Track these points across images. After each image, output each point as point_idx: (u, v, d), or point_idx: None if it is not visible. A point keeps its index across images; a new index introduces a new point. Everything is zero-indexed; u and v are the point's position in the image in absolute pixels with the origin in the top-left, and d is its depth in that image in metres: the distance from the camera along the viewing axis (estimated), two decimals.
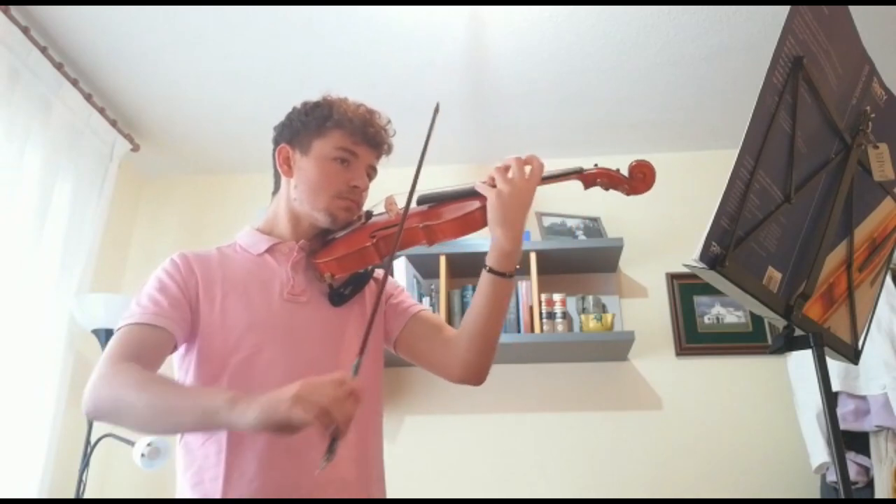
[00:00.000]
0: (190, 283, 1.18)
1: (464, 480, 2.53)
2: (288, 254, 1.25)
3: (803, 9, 1.04)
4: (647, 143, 2.94)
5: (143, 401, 0.99)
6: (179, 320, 1.14)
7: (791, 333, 1.06)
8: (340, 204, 1.24)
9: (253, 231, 1.31)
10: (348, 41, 2.34)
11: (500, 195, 1.13)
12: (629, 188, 1.22)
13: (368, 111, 1.30)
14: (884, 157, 1.15)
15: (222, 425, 0.96)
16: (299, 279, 1.23)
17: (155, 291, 1.16)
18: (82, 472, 2.27)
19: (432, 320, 1.32)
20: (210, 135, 2.91)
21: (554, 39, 2.34)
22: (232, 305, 1.17)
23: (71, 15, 2.23)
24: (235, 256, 1.26)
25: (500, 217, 1.14)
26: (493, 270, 1.17)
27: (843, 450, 0.99)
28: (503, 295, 1.19)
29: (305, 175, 1.26)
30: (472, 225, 1.19)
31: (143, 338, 1.10)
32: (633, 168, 1.22)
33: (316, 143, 1.26)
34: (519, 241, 1.16)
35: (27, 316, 2.23)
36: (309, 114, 1.29)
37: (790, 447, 2.43)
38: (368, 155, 1.28)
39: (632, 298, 2.77)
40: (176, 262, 1.21)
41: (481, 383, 1.26)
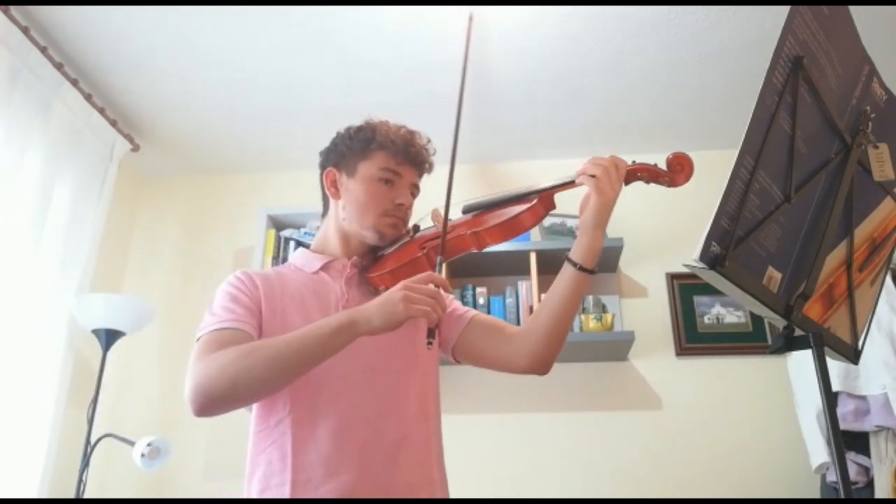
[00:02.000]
0: (255, 296, 1.24)
1: (463, 480, 2.53)
2: (341, 270, 1.31)
3: (803, 9, 1.04)
4: (647, 143, 2.94)
5: (260, 358, 1.05)
6: (256, 325, 1.19)
7: (791, 333, 1.06)
8: (387, 221, 1.30)
9: (306, 251, 1.38)
10: (348, 40, 2.34)
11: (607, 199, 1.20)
12: (669, 180, 1.24)
13: (409, 132, 1.36)
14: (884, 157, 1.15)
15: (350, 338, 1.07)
16: (353, 293, 1.28)
17: (228, 302, 1.21)
18: (82, 472, 2.27)
19: (489, 321, 1.38)
20: (210, 135, 2.91)
21: (553, 39, 2.34)
22: (291, 319, 1.22)
23: (71, 15, 2.23)
24: (291, 275, 1.32)
25: (603, 219, 1.23)
26: (583, 268, 1.22)
27: (843, 450, 0.99)
28: (585, 289, 1.25)
29: (353, 196, 1.32)
30: (518, 229, 1.26)
31: (224, 339, 1.13)
32: (670, 161, 1.24)
33: (361, 165, 1.32)
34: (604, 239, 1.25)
35: (27, 316, 2.23)
36: (353, 137, 1.35)
37: (790, 447, 2.43)
38: (411, 174, 1.34)
39: (632, 298, 2.77)
40: (240, 277, 1.27)
41: (547, 372, 1.30)
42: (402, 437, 1.18)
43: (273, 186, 3.12)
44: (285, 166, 3.07)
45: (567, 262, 1.23)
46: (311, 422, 1.15)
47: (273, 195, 3.05)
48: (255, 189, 3.14)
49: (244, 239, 3.00)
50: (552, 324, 1.25)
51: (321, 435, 1.14)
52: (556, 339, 1.26)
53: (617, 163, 1.21)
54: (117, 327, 2.40)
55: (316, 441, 1.13)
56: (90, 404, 2.36)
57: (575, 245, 1.24)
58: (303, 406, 1.16)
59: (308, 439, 1.14)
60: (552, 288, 1.25)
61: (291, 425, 1.15)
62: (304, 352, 1.06)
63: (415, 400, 1.23)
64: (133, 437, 2.29)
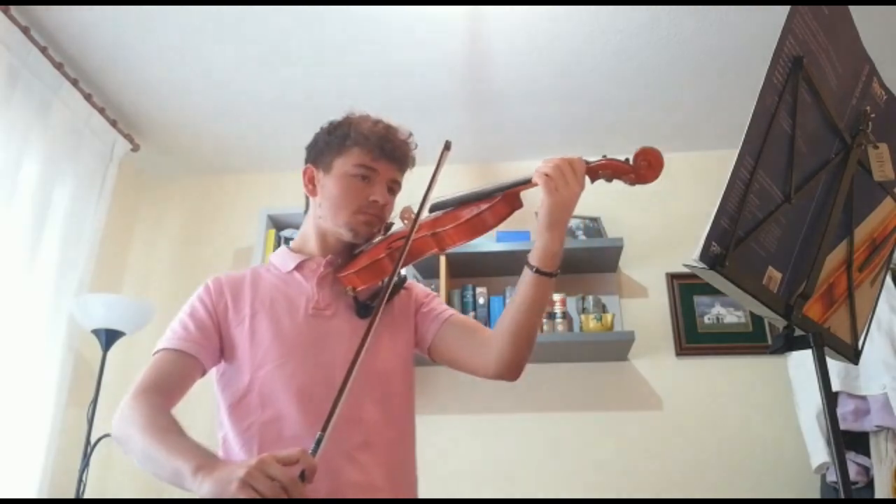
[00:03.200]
0: (219, 307, 1.25)
1: (463, 480, 2.53)
2: (315, 269, 1.30)
3: (803, 9, 1.04)
4: (647, 144, 2.92)
5: (141, 444, 1.07)
6: (206, 345, 1.21)
7: (791, 333, 1.06)
8: (361, 219, 1.28)
9: (285, 250, 1.38)
10: (349, 40, 2.34)
11: (560, 199, 1.16)
12: (634, 177, 1.17)
13: (386, 127, 1.33)
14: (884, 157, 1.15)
15: (186, 489, 1.00)
16: (325, 294, 1.27)
17: (186, 317, 1.24)
18: (82, 472, 2.27)
19: (466, 323, 1.35)
20: (210, 135, 2.91)
21: (554, 39, 2.34)
22: (259, 323, 1.23)
23: (71, 15, 2.23)
24: (266, 276, 1.32)
25: (556, 219, 1.18)
26: (540, 271, 1.19)
27: (843, 450, 0.99)
28: (546, 293, 1.21)
29: (328, 192, 1.31)
30: (480, 228, 1.21)
31: (169, 365, 1.19)
32: (637, 155, 1.17)
33: (337, 161, 1.31)
34: (563, 241, 1.20)
35: (27, 316, 2.23)
36: (331, 133, 1.34)
37: (790, 447, 2.43)
38: (389, 170, 1.32)
39: (632, 298, 2.77)
40: (209, 286, 1.29)
41: (517, 378, 1.28)
42: (364, 442, 1.17)
43: (273, 186, 3.12)
44: (285, 166, 3.07)
45: (525, 265, 1.21)
46: (276, 428, 1.16)
47: (273, 195, 3.05)
48: (255, 189, 3.14)
49: (244, 239, 3.00)
50: (514, 329, 1.23)
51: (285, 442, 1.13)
52: (521, 344, 1.24)
53: (573, 162, 1.16)
54: (117, 327, 2.40)
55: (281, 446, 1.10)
56: (90, 404, 2.36)
57: (533, 247, 1.21)
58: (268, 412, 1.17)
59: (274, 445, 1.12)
60: (516, 292, 1.24)
61: (259, 431, 1.16)
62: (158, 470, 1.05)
63: (376, 405, 1.21)
64: None
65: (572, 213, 1.19)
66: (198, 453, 1.02)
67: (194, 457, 1.01)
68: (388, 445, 1.21)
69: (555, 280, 1.21)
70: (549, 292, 1.23)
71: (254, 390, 1.19)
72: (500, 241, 2.68)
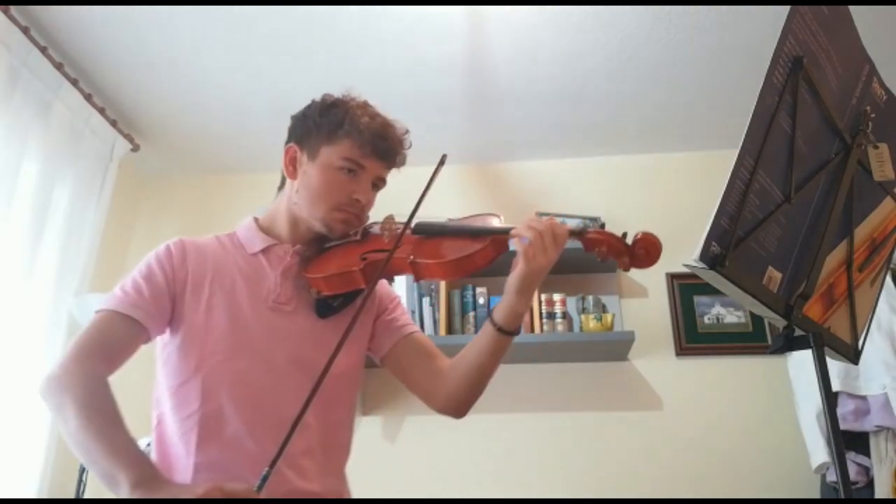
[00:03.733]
0: (179, 276, 1.18)
1: (464, 480, 2.53)
2: (282, 257, 1.24)
3: (803, 9, 1.04)
4: (647, 144, 2.94)
5: (75, 424, 1.01)
6: (156, 313, 1.15)
7: (791, 333, 1.06)
8: (339, 216, 1.22)
9: (253, 225, 1.31)
10: (349, 39, 2.34)
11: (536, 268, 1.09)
12: (629, 262, 1.11)
13: (383, 123, 1.26)
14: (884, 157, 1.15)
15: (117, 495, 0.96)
16: (287, 287, 1.21)
17: (140, 278, 1.17)
18: (82, 472, 2.27)
19: (425, 345, 1.30)
20: (210, 135, 2.91)
21: (554, 39, 2.34)
22: (217, 305, 1.17)
23: (71, 15, 2.23)
24: (231, 251, 1.25)
25: (528, 285, 1.11)
26: (503, 330, 1.15)
27: (843, 450, 0.99)
28: (505, 349, 1.19)
29: (309, 180, 1.24)
30: (463, 270, 1.15)
31: (115, 329, 1.13)
32: (637, 241, 1.11)
33: (324, 149, 1.23)
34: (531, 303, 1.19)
35: (27, 316, 2.23)
36: (323, 115, 1.25)
37: (790, 447, 2.43)
38: (377, 167, 1.24)
39: (632, 298, 2.77)
40: (171, 249, 1.21)
41: (462, 417, 1.26)
42: (307, 448, 1.13)
43: (273, 187, 3.08)
44: None
45: (489, 321, 1.17)
46: (218, 423, 1.10)
47: (273, 195, 3.04)
48: (254, 189, 3.13)
49: None
50: (469, 377, 1.21)
51: (226, 439, 1.09)
52: (473, 391, 1.22)
53: (555, 229, 1.09)
54: None
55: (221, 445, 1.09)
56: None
57: (499, 303, 1.16)
58: (212, 404, 1.11)
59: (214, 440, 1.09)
60: (474, 340, 1.20)
61: (199, 422, 1.10)
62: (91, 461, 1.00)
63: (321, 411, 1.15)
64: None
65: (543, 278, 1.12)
66: (138, 461, 0.98)
67: (135, 466, 0.96)
68: (327, 452, 1.17)
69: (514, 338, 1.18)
70: (507, 347, 1.19)
71: (199, 378, 1.13)
72: None
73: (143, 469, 0.96)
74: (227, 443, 1.09)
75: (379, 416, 2.66)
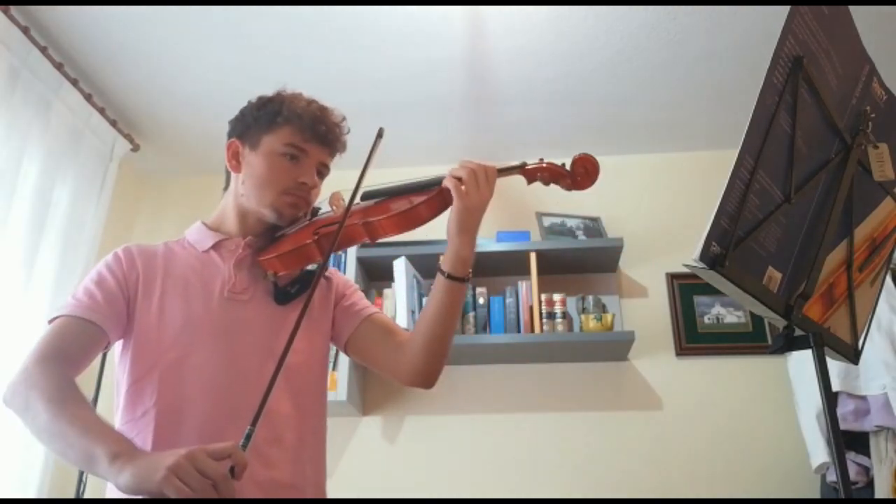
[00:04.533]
0: (130, 279, 1.18)
1: (464, 480, 2.53)
2: (234, 250, 1.24)
3: (803, 9, 1.04)
4: (647, 144, 2.94)
5: (45, 417, 0.99)
6: (112, 316, 1.14)
7: (791, 333, 1.06)
8: (287, 200, 1.23)
9: (201, 226, 1.30)
10: (348, 40, 2.34)
11: (470, 205, 1.13)
12: (571, 183, 1.20)
13: (320, 108, 1.28)
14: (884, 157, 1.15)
15: (99, 475, 0.93)
16: (242, 277, 1.21)
17: (92, 285, 1.16)
18: (82, 472, 2.27)
19: (385, 323, 1.32)
20: (210, 135, 2.91)
21: (554, 39, 2.34)
22: (170, 304, 1.16)
23: (71, 15, 2.23)
24: (181, 252, 1.25)
25: (467, 224, 1.14)
26: (451, 276, 1.16)
27: (843, 450, 0.99)
28: (459, 299, 1.19)
29: (253, 170, 1.25)
30: (414, 221, 1.18)
31: (74, 332, 1.11)
32: (575, 162, 1.19)
33: (265, 138, 1.25)
34: (474, 246, 1.17)
35: (27, 316, 2.23)
36: (260, 109, 1.28)
37: (790, 447, 2.43)
38: (319, 152, 1.27)
39: (632, 298, 2.77)
40: (119, 255, 1.21)
41: (431, 387, 1.26)
42: (273, 436, 1.11)
43: None
44: None
45: (438, 271, 1.18)
46: (177, 417, 1.08)
47: None
48: None
49: None
50: (428, 336, 1.20)
51: (185, 432, 1.07)
52: (434, 352, 1.21)
53: (486, 168, 1.15)
54: None
55: (179, 439, 1.06)
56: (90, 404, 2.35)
57: (445, 252, 1.17)
58: (169, 399, 1.09)
59: (172, 436, 1.07)
60: (428, 298, 1.21)
61: (156, 417, 1.08)
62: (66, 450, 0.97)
63: (289, 399, 1.15)
64: None
65: (481, 218, 1.16)
66: (115, 438, 0.95)
67: (112, 442, 0.93)
68: (298, 441, 1.15)
69: (467, 286, 1.19)
70: (462, 298, 1.20)
71: (154, 375, 1.11)
72: (501, 241, 2.68)
73: (120, 443, 0.94)
74: (185, 435, 1.07)
75: (379, 416, 2.66)
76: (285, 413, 1.14)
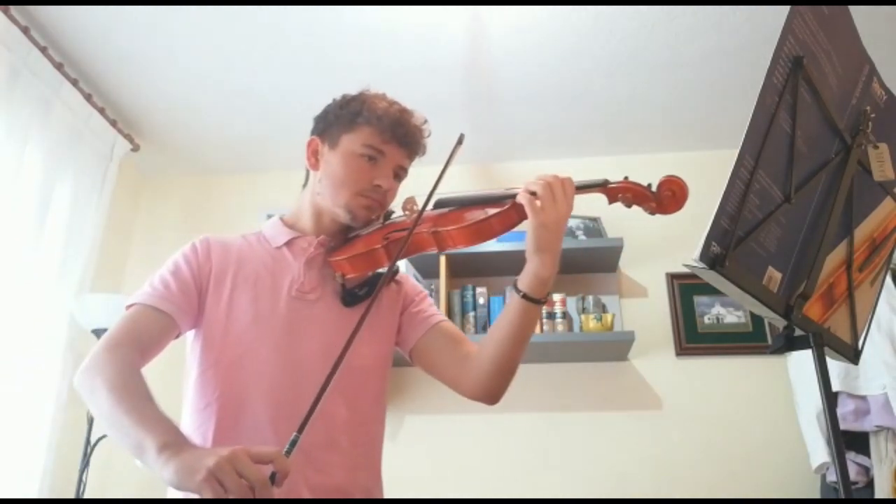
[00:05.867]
0: (203, 271, 1.19)
1: (463, 480, 2.53)
2: (306, 248, 1.24)
3: (803, 9, 1.04)
4: (648, 144, 2.94)
5: (107, 404, 1.00)
6: (185, 307, 1.15)
7: (791, 333, 1.06)
8: (362, 202, 1.22)
9: (278, 222, 1.31)
10: (348, 41, 2.34)
11: (546, 221, 1.08)
12: (656, 206, 1.12)
13: (401, 110, 1.27)
14: (884, 157, 1.15)
15: (149, 466, 0.95)
16: (311, 276, 1.21)
17: (168, 274, 1.18)
18: (82, 472, 2.27)
19: (452, 333, 1.29)
20: (210, 135, 2.91)
21: (555, 40, 2.34)
22: (238, 299, 1.17)
23: (71, 15, 2.23)
24: (256, 247, 1.26)
25: (543, 242, 1.09)
26: (527, 297, 1.12)
27: (843, 450, 0.99)
28: (533, 320, 1.15)
29: (331, 169, 1.24)
30: (484, 234, 1.14)
31: (146, 321, 1.12)
32: (661, 184, 1.12)
33: (345, 137, 1.25)
34: (557, 264, 1.11)
35: (27, 315, 2.23)
36: (343, 107, 1.27)
37: (790, 447, 2.43)
38: (397, 154, 1.25)
39: (632, 298, 2.77)
40: (196, 246, 1.23)
41: (495, 403, 1.24)
42: (328, 441, 1.11)
43: (273, 186, 3.11)
44: (285, 166, 3.07)
45: (514, 289, 1.14)
46: (236, 413, 1.10)
47: (273, 195, 3.05)
48: (255, 189, 3.14)
49: None
50: (496, 354, 1.17)
51: (244, 428, 1.08)
52: (502, 371, 1.19)
53: (563, 181, 1.11)
54: None
55: (237, 434, 1.08)
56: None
57: (523, 270, 1.13)
58: (230, 394, 1.11)
59: (230, 430, 1.08)
60: (501, 314, 1.17)
61: (217, 411, 1.10)
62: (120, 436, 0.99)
63: (345, 403, 1.15)
64: None
65: (560, 236, 1.10)
66: (166, 429, 0.96)
67: (162, 433, 0.95)
68: (353, 446, 1.15)
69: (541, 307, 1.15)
70: (536, 319, 1.16)
71: (218, 369, 1.13)
72: (500, 240, 2.67)
73: (170, 435, 0.95)
74: (244, 432, 1.08)
75: None
76: (341, 418, 1.14)
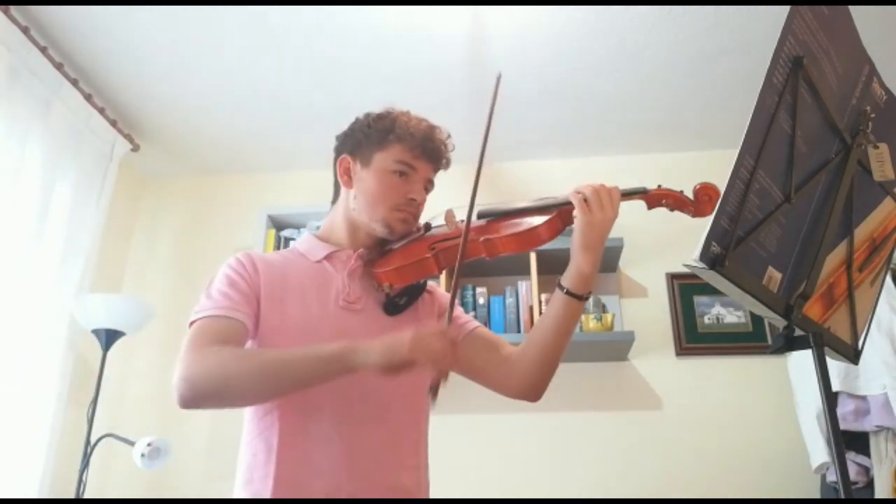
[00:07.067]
0: (255, 282, 1.21)
1: (463, 480, 2.53)
2: (346, 261, 1.27)
3: (803, 9, 1.04)
4: (648, 144, 2.94)
5: (252, 367, 1.04)
6: (251, 314, 1.16)
7: (791, 333, 1.06)
8: (398, 216, 1.27)
9: (311, 237, 1.34)
10: (348, 42, 2.34)
11: (593, 220, 1.16)
12: (695, 210, 1.23)
13: (430, 126, 1.33)
14: (884, 157, 1.15)
15: (345, 368, 1.02)
16: (355, 287, 1.25)
17: (225, 286, 1.18)
18: (82, 472, 2.27)
19: (490, 337, 1.36)
20: (210, 135, 2.91)
21: (555, 40, 2.34)
22: (290, 308, 1.20)
23: (71, 15, 2.23)
24: (296, 261, 1.29)
25: (591, 241, 1.17)
26: (570, 293, 1.19)
27: (843, 450, 0.99)
28: (575, 316, 1.22)
29: (365, 186, 1.28)
30: (533, 241, 1.22)
31: (220, 328, 1.12)
32: (697, 191, 1.24)
33: (377, 155, 1.29)
34: (598, 264, 1.20)
35: (27, 316, 2.23)
36: (371, 126, 1.32)
37: (790, 447, 2.43)
38: (427, 169, 1.31)
39: (632, 298, 2.77)
40: (241, 260, 1.24)
41: (538, 400, 1.31)
42: (392, 443, 1.17)
43: (273, 186, 3.12)
44: (285, 166, 3.07)
45: (557, 287, 1.21)
46: (301, 417, 1.13)
47: (273, 195, 3.05)
48: (255, 189, 3.14)
49: (244, 239, 3.00)
50: (542, 350, 1.24)
51: (309, 432, 1.12)
52: (547, 367, 1.26)
53: (609, 188, 1.20)
54: (117, 327, 2.40)
55: (303, 438, 1.12)
56: (90, 404, 2.36)
57: (567, 269, 1.21)
58: (294, 400, 1.13)
59: (295, 435, 1.12)
60: (544, 312, 1.24)
61: (280, 418, 1.13)
62: (298, 372, 1.04)
63: (405, 405, 1.21)
64: (133, 437, 2.29)
65: (605, 236, 1.19)
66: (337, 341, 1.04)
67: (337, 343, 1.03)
68: (413, 447, 1.21)
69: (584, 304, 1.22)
70: (578, 316, 1.24)
71: None
72: None
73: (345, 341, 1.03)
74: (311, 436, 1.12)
75: None
76: (401, 421, 1.20)
